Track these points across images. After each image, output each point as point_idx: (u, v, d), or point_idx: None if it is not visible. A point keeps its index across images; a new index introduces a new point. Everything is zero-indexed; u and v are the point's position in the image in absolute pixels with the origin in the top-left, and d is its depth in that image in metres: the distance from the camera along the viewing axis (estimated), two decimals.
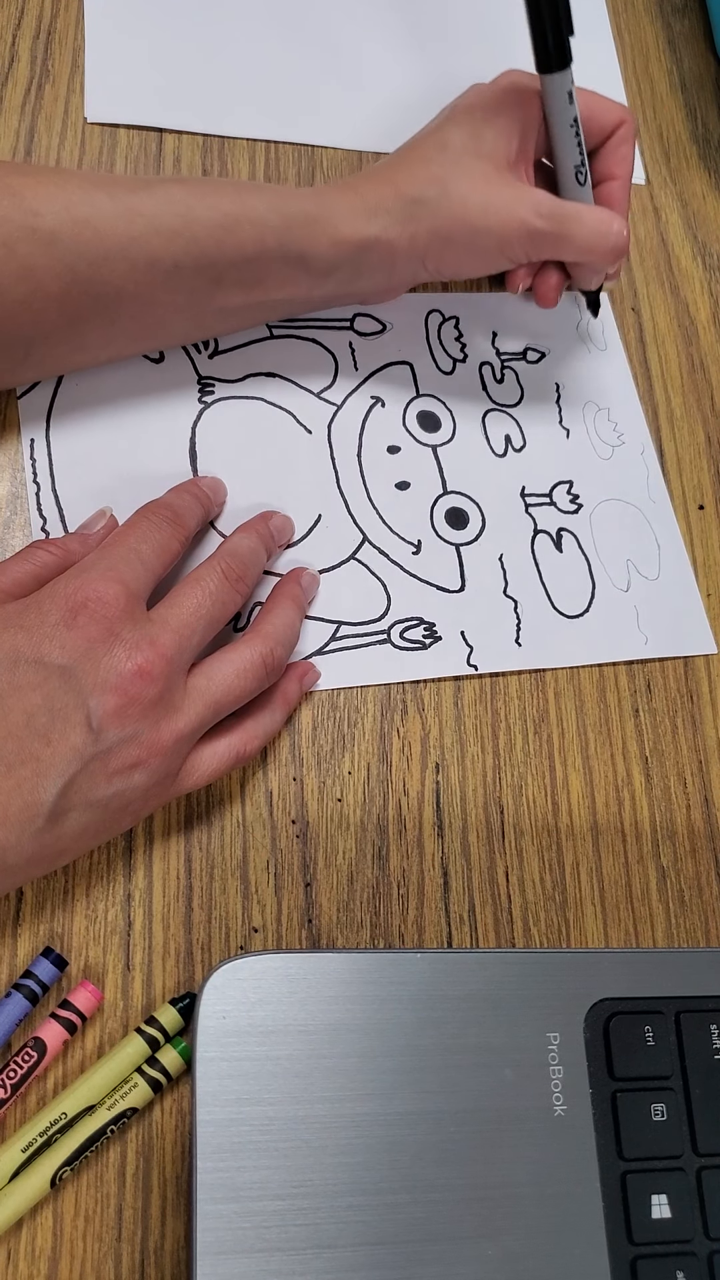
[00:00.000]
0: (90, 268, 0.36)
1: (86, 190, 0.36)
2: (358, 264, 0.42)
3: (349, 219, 0.41)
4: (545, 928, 0.40)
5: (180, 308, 0.40)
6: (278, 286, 0.41)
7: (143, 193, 0.37)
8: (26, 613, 0.33)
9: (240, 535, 0.39)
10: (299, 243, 0.40)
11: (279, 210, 0.39)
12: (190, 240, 0.38)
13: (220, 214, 0.38)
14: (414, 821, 0.40)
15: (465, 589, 0.44)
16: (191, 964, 0.37)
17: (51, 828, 0.31)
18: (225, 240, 0.38)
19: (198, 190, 0.38)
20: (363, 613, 0.42)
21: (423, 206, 0.42)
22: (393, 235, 0.41)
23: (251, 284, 0.40)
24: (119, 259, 0.37)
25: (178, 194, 0.38)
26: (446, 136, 0.43)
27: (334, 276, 0.42)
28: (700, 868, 0.42)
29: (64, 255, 0.35)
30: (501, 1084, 0.32)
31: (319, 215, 0.40)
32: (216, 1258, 0.29)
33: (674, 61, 0.59)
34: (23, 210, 0.35)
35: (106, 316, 0.38)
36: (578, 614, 0.45)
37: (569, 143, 0.44)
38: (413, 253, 0.42)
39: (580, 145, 0.44)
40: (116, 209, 0.36)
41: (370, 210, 0.41)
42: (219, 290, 0.40)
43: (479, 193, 0.42)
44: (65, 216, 0.35)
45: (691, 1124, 0.33)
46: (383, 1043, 0.31)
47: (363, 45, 0.53)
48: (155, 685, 0.33)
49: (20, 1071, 0.33)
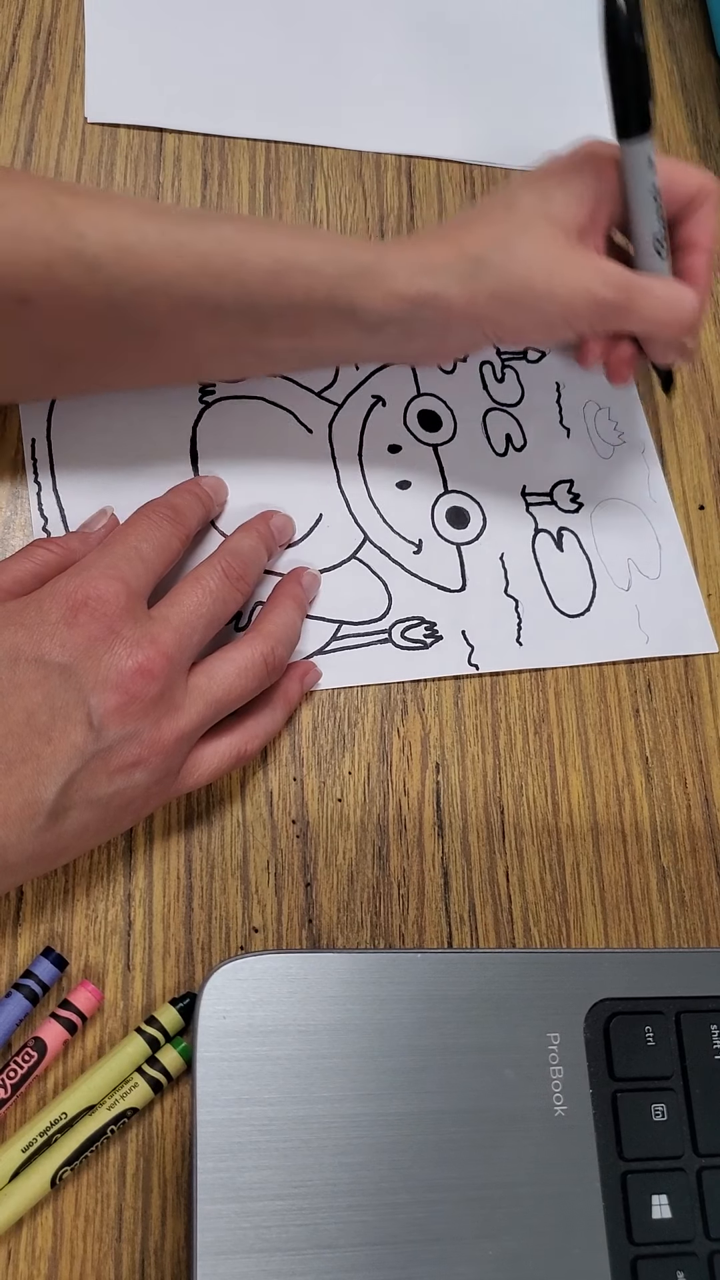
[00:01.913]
0: (131, 297, 0.35)
1: (136, 218, 0.35)
2: (410, 321, 0.40)
3: (406, 273, 0.39)
4: (545, 928, 0.40)
5: (220, 348, 0.39)
6: (324, 337, 0.39)
7: (194, 227, 0.36)
8: (27, 611, 0.33)
9: (241, 534, 0.39)
10: (350, 294, 0.38)
11: (333, 259, 0.38)
12: (238, 284, 0.36)
13: (272, 259, 0.37)
14: (414, 821, 0.40)
15: (466, 588, 0.44)
16: (191, 964, 0.36)
17: (52, 826, 0.31)
18: (274, 287, 0.37)
19: (251, 232, 0.37)
20: (364, 612, 0.42)
21: (485, 267, 0.39)
22: (451, 294, 0.39)
23: (297, 332, 0.39)
24: (161, 293, 0.36)
25: (229, 233, 0.36)
26: (516, 198, 0.41)
27: (384, 332, 0.40)
28: (700, 868, 0.42)
29: (105, 281, 0.35)
30: (502, 1084, 0.32)
31: (374, 267, 0.38)
32: (216, 1258, 0.29)
33: (674, 61, 0.59)
34: (68, 231, 0.34)
35: (143, 347, 0.37)
36: (578, 613, 0.45)
37: (648, 211, 0.41)
38: (470, 314, 0.40)
39: (660, 214, 0.42)
40: (164, 241, 0.35)
41: (430, 266, 0.39)
42: (262, 335, 0.38)
43: (546, 257, 0.39)
44: (110, 243, 0.34)
45: (692, 1124, 0.33)
46: (383, 1043, 0.31)
47: (363, 45, 0.53)
48: (156, 683, 0.33)
49: (20, 1071, 0.33)
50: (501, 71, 0.55)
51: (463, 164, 0.52)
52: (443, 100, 0.53)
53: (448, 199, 0.51)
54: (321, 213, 0.49)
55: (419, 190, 0.51)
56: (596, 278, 0.40)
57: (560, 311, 0.40)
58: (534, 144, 0.54)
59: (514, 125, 0.54)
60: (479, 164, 0.53)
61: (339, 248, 0.38)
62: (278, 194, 0.49)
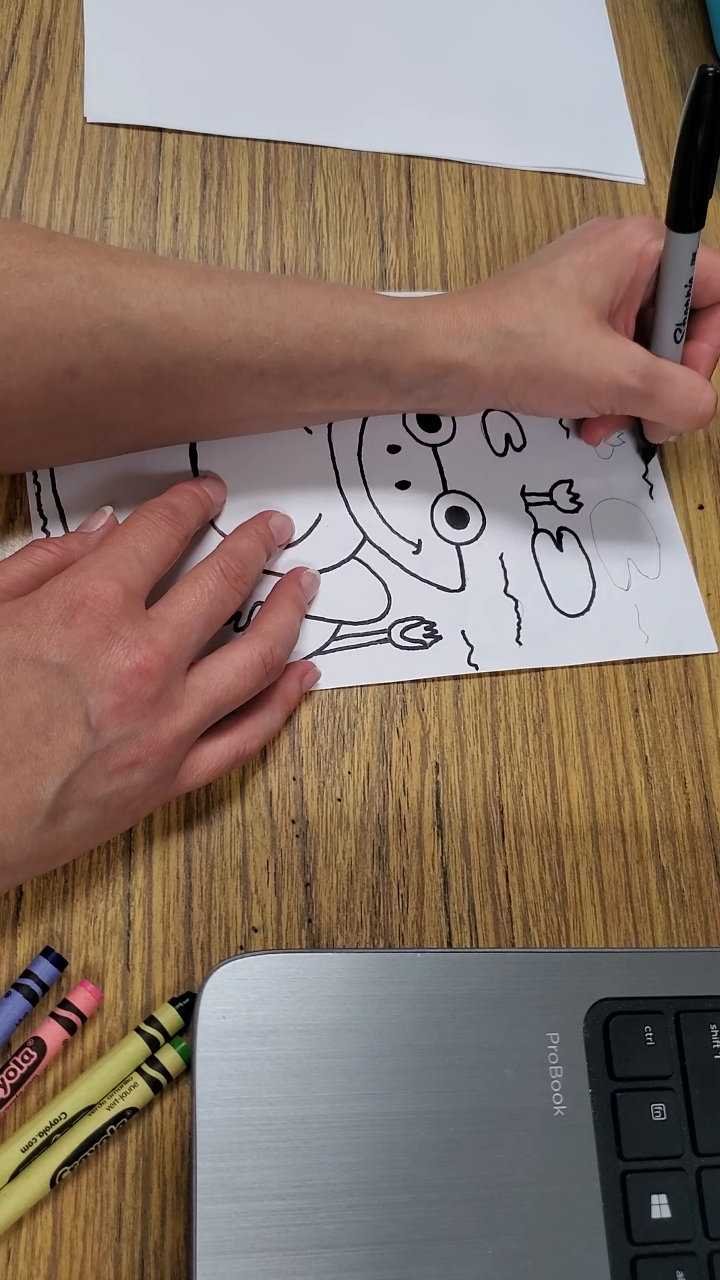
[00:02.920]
0: (176, 365, 0.36)
1: (180, 287, 0.36)
2: (439, 385, 0.41)
3: (439, 340, 0.40)
4: (545, 928, 0.40)
5: (260, 411, 0.39)
6: (358, 400, 0.41)
7: (237, 292, 0.37)
8: (24, 611, 0.33)
9: (240, 534, 0.39)
10: (385, 360, 0.39)
11: (370, 325, 0.38)
12: (279, 350, 0.37)
13: (312, 325, 0.37)
14: (414, 821, 0.40)
15: (466, 588, 0.44)
16: (191, 964, 0.36)
17: (51, 826, 0.31)
18: (314, 353, 0.38)
19: (291, 296, 0.38)
20: (363, 612, 0.42)
21: (517, 341, 0.40)
22: (480, 364, 0.40)
23: (332, 395, 0.40)
24: (205, 360, 0.36)
25: (272, 300, 0.37)
26: (555, 273, 0.41)
27: (414, 394, 0.41)
28: (700, 868, 0.42)
29: (150, 350, 0.35)
30: (501, 1084, 0.32)
31: (409, 332, 0.39)
32: (216, 1258, 0.29)
33: (674, 61, 0.59)
34: (113, 302, 0.34)
35: (187, 412, 0.38)
36: (578, 613, 0.45)
37: (677, 301, 0.42)
38: (496, 385, 0.41)
39: (687, 306, 0.43)
40: (209, 311, 0.36)
41: (463, 335, 0.40)
42: (300, 398, 0.39)
43: (576, 339, 0.40)
44: (155, 312, 0.35)
45: (691, 1124, 0.33)
46: (383, 1043, 0.31)
47: (362, 45, 0.53)
48: (154, 683, 0.33)
49: (20, 1071, 0.33)
50: (501, 71, 0.55)
51: (463, 164, 0.52)
52: (443, 100, 0.53)
53: (447, 199, 0.51)
54: (321, 212, 0.49)
55: (419, 190, 0.51)
56: (624, 365, 0.41)
57: (584, 393, 0.41)
58: (534, 144, 0.54)
59: (514, 125, 0.54)
60: (479, 164, 0.53)
61: (375, 312, 0.39)
62: (277, 194, 0.49)
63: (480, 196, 0.52)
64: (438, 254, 0.50)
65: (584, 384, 0.41)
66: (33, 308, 0.33)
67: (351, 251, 0.49)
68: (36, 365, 0.34)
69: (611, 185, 0.54)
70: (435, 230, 0.50)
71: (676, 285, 0.42)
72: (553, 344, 0.40)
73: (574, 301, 0.41)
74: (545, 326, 0.40)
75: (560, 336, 0.40)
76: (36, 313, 0.33)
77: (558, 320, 0.40)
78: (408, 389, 0.41)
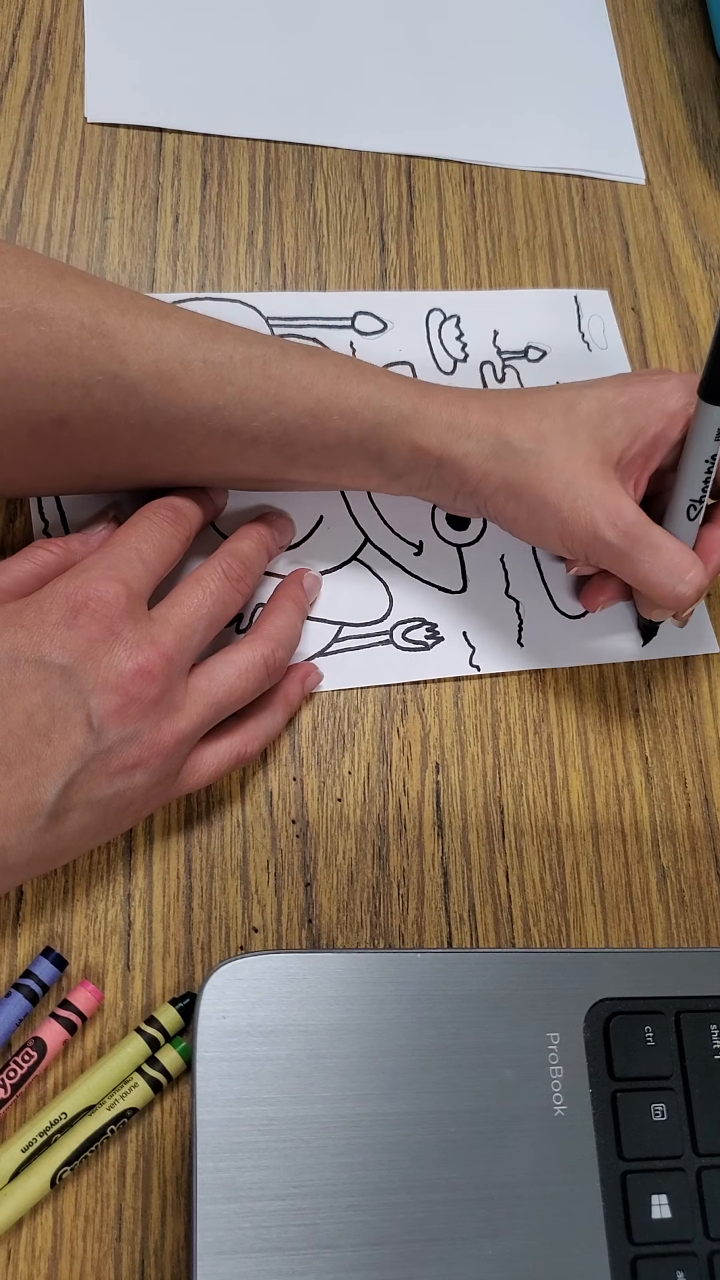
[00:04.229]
0: (167, 426, 0.35)
1: (183, 345, 0.35)
2: (429, 475, 0.40)
3: (439, 431, 0.38)
4: (545, 928, 0.40)
5: (249, 474, 0.39)
6: (350, 476, 0.40)
7: (240, 356, 0.36)
8: (26, 612, 0.33)
9: (241, 536, 0.39)
10: (381, 441, 0.38)
11: (373, 404, 0.38)
12: (275, 420, 0.36)
13: (312, 399, 0.37)
14: (414, 821, 0.40)
15: (467, 590, 0.44)
16: (191, 964, 0.37)
17: (52, 827, 0.31)
18: (310, 426, 0.37)
19: (296, 366, 0.37)
20: (365, 614, 0.43)
21: (512, 454, 0.39)
22: (471, 464, 0.39)
23: (325, 468, 0.39)
24: (198, 423, 0.36)
25: (275, 369, 0.36)
26: (579, 401, 0.40)
27: (406, 479, 0.40)
28: (700, 868, 0.42)
29: (141, 408, 0.34)
30: (501, 1084, 0.32)
31: (411, 417, 0.38)
32: (216, 1258, 0.29)
33: (674, 61, 0.59)
34: (110, 355, 0.34)
35: (176, 469, 0.37)
36: (579, 614, 0.45)
37: (695, 475, 0.40)
38: (480, 490, 0.40)
39: (707, 483, 0.40)
40: (207, 374, 0.35)
41: (465, 432, 0.39)
42: (292, 467, 0.38)
43: (569, 471, 0.38)
44: (152, 370, 0.34)
45: (691, 1124, 0.33)
46: (383, 1043, 0.31)
47: (363, 45, 0.53)
48: (156, 684, 0.33)
49: (20, 1071, 0.33)
50: (501, 71, 0.55)
51: (463, 164, 0.52)
52: (443, 100, 0.53)
53: (448, 199, 0.51)
54: (321, 212, 0.49)
55: (419, 190, 0.51)
56: (606, 515, 0.38)
57: (558, 529, 0.39)
58: (534, 144, 0.54)
59: (514, 125, 0.54)
60: (479, 164, 0.53)
61: (380, 392, 0.38)
62: (277, 194, 0.49)
63: (480, 197, 0.52)
64: (438, 254, 0.50)
65: (560, 519, 0.39)
66: (28, 352, 0.33)
67: (352, 251, 0.49)
68: (26, 411, 0.33)
69: (612, 185, 0.54)
70: (435, 230, 0.50)
71: (698, 458, 0.39)
72: (544, 468, 0.38)
73: (584, 435, 0.39)
74: (544, 449, 0.39)
75: (554, 464, 0.38)
76: (31, 358, 0.33)
77: (559, 447, 0.39)
78: (400, 473, 0.40)
